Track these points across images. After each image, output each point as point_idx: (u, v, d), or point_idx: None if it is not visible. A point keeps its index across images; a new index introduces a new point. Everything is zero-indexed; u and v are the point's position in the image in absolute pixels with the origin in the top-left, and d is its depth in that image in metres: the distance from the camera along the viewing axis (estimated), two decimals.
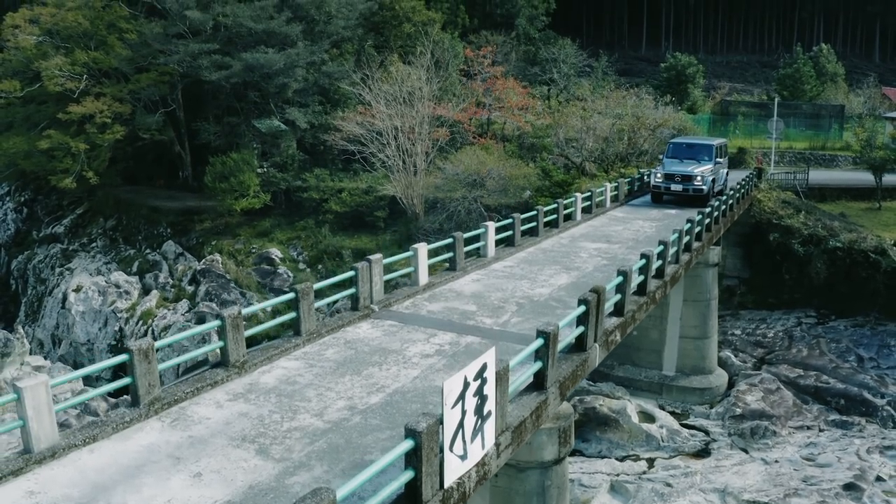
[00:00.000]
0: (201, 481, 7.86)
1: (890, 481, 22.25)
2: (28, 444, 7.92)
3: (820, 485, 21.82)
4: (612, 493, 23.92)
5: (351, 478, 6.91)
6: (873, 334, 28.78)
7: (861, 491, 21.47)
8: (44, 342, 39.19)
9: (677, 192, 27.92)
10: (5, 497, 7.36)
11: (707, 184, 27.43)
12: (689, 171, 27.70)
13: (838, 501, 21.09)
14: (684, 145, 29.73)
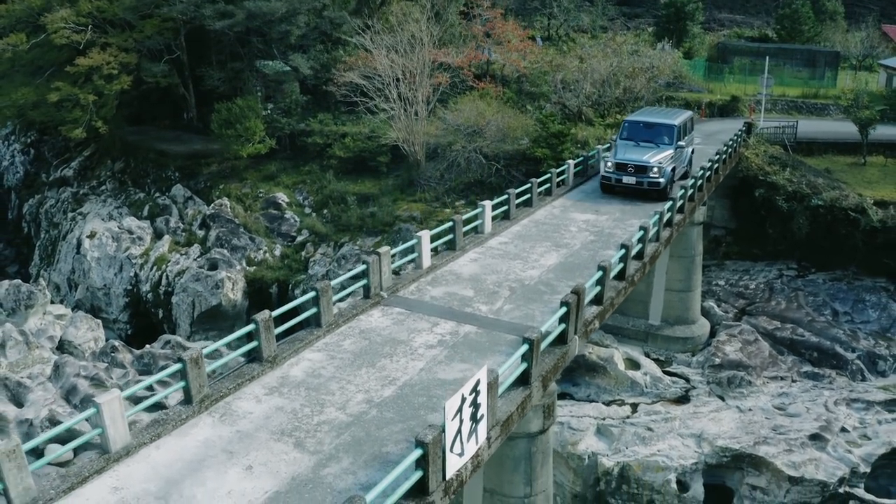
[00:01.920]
0: (252, 474, 9.70)
1: (854, 432, 24.36)
2: (106, 446, 9.71)
3: (788, 434, 23.97)
4: (598, 435, 26.16)
5: (373, 470, 8.72)
6: (850, 289, 30.55)
7: (825, 441, 23.61)
8: (60, 286, 40.97)
9: (630, 185, 24.29)
10: (94, 493, 9.17)
11: (666, 175, 23.98)
12: (644, 160, 24.04)
13: (803, 450, 23.24)
14: (641, 125, 25.65)
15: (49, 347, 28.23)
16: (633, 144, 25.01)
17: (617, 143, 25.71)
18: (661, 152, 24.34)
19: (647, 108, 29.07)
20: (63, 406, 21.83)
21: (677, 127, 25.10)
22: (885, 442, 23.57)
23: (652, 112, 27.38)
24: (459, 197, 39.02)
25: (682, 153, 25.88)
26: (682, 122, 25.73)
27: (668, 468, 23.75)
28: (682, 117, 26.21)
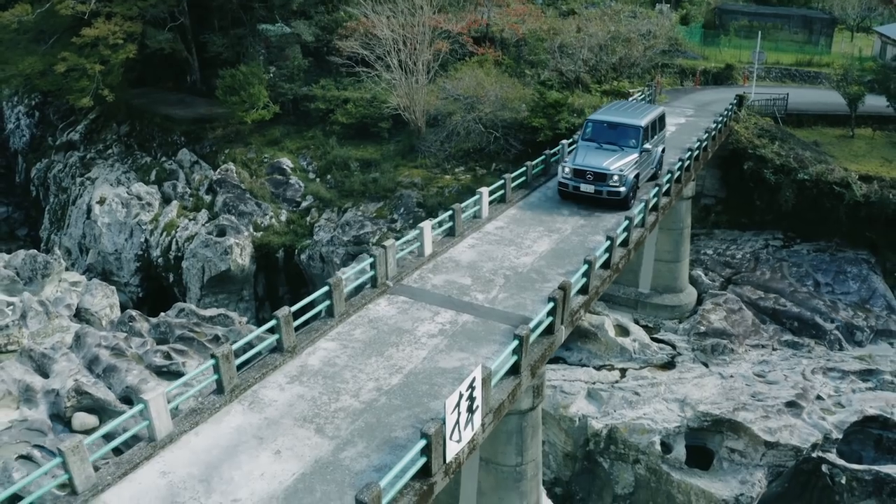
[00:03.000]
0: (280, 457, 11.21)
1: (828, 400, 25.96)
2: (153, 435, 11.19)
3: (766, 401, 25.59)
4: (589, 398, 27.86)
5: (384, 454, 10.23)
6: (832, 260, 31.92)
7: (801, 408, 25.23)
8: (71, 250, 42.32)
9: (588, 193, 22.43)
10: (145, 477, 10.68)
11: (627, 184, 22.11)
12: (603, 166, 22.08)
13: (780, 417, 24.88)
14: (605, 125, 23.63)
15: (67, 316, 29.66)
16: (595, 147, 23.14)
17: (578, 145, 23.83)
18: (625, 157, 22.46)
19: (615, 104, 26.69)
20: (87, 376, 23.35)
21: (643, 128, 23.09)
22: (858, 410, 25.15)
23: (618, 110, 25.08)
24: (459, 164, 40.18)
25: (650, 156, 24.15)
26: (649, 121, 23.74)
27: (653, 431, 25.46)
28: (651, 116, 24.19)
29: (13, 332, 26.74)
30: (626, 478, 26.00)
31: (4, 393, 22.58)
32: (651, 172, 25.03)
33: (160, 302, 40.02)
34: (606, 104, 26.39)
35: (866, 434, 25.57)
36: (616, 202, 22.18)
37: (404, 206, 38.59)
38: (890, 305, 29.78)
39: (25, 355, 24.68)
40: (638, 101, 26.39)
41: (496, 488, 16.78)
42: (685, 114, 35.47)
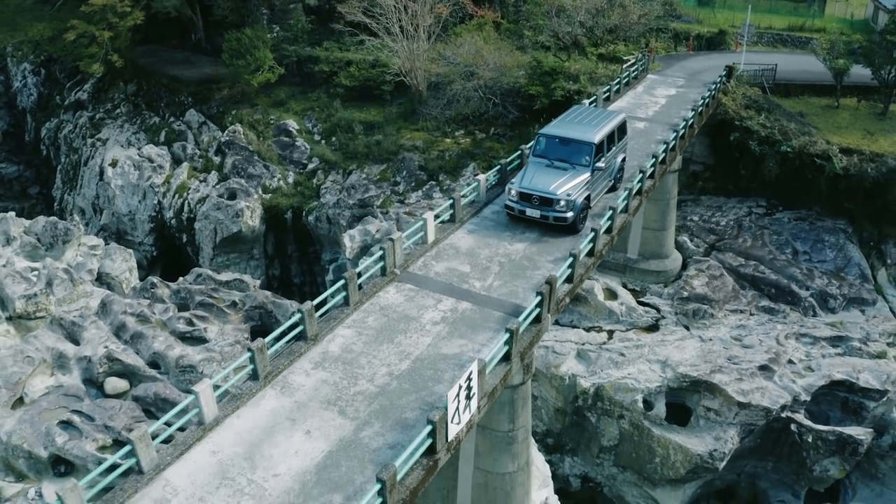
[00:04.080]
0: (311, 437, 13.31)
1: (799, 364, 28.14)
2: (202, 419, 13.25)
3: (741, 364, 27.77)
4: (578, 359, 30.11)
5: (397, 433, 12.33)
6: (811, 229, 33.76)
7: (773, 372, 27.44)
8: (85, 210, 44.03)
9: (534, 218, 21.27)
10: (199, 456, 12.77)
11: (575, 208, 20.84)
12: (550, 190, 20.80)
13: (752, 380, 27.07)
14: (557, 140, 22.29)
15: (89, 281, 31.52)
16: (545, 164, 21.98)
17: (529, 162, 22.69)
18: (575, 178, 21.26)
19: (573, 111, 24.78)
20: (116, 343, 25.39)
21: (596, 145, 21.86)
22: (826, 375, 27.35)
23: (572, 122, 23.37)
24: (459, 127, 41.71)
25: (604, 172, 22.97)
26: (604, 135, 22.49)
27: (636, 390, 27.75)
28: (607, 128, 22.88)
29: (41, 300, 28.60)
30: (611, 431, 28.39)
31: (40, 360, 24.63)
32: (608, 185, 23.88)
33: (173, 260, 42.07)
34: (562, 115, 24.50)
35: (834, 396, 27.87)
36: (563, 228, 21.14)
37: (406, 170, 40.21)
38: (863, 274, 31.75)
39: (56, 323, 26.67)
40: (598, 109, 25.02)
41: (491, 450, 19.02)
42: (676, 84, 36.72)
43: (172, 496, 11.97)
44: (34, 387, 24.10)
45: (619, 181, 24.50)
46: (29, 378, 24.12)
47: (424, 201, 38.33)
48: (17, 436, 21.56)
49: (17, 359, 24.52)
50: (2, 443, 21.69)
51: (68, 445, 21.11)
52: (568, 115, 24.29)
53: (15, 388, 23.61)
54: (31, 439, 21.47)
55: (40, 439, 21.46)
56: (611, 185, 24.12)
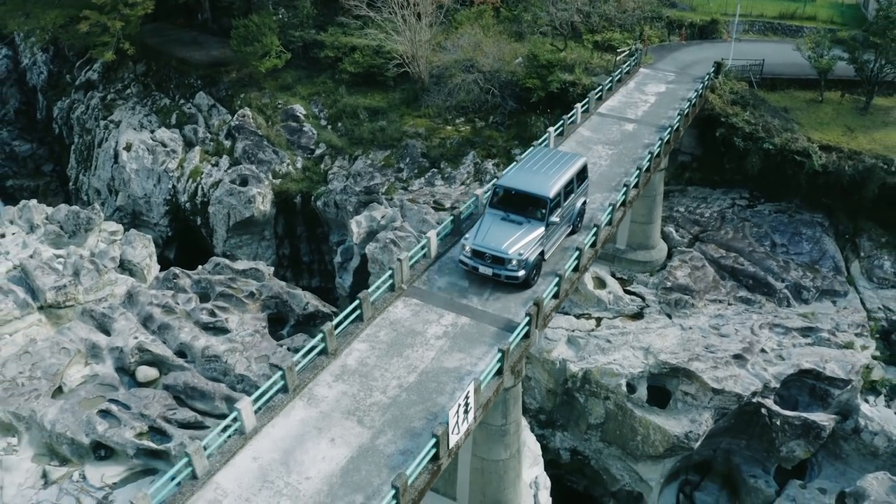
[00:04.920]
0: (335, 444, 15.73)
1: (771, 353, 30.52)
2: (242, 429, 15.65)
3: (717, 353, 30.19)
4: (568, 344, 32.52)
5: (407, 440, 14.77)
6: (790, 222, 35.92)
7: (746, 361, 29.86)
8: (100, 191, 46.02)
9: (486, 275, 21.16)
10: (241, 462, 15.18)
11: (527, 267, 20.79)
12: (502, 249, 20.59)
13: (727, 368, 29.50)
14: (512, 192, 22.04)
15: (112, 268, 33.64)
16: (500, 217, 21.77)
17: (485, 213, 22.39)
18: (528, 234, 21.14)
19: (534, 154, 24.18)
20: (145, 334, 27.73)
21: (551, 200, 21.58)
22: (795, 364, 29.73)
23: (531, 169, 22.95)
24: (459, 115, 43.55)
25: (562, 222, 22.68)
26: (560, 188, 22.11)
27: (621, 375, 30.21)
28: (565, 177, 22.48)
29: (70, 290, 30.75)
30: (597, 411, 30.92)
31: (75, 351, 26.99)
32: (566, 232, 23.67)
33: (188, 239, 44.29)
34: (522, 159, 24.16)
35: (802, 382, 30.31)
36: (515, 285, 21.16)
37: (409, 156, 42.19)
38: (837, 266, 34.02)
39: (87, 315, 28.97)
40: (559, 153, 24.18)
41: (487, 440, 21.54)
42: (666, 79, 38.41)
43: (223, 497, 14.44)
44: (71, 376, 26.49)
45: (579, 225, 24.28)
46: (66, 368, 26.52)
47: (427, 188, 40.41)
48: (61, 424, 24.00)
49: (54, 350, 26.89)
50: (46, 430, 24.15)
51: (109, 433, 23.58)
52: (527, 162, 23.64)
53: (54, 379, 26.01)
54: (74, 427, 23.92)
55: (82, 427, 23.91)
56: (570, 231, 23.91)
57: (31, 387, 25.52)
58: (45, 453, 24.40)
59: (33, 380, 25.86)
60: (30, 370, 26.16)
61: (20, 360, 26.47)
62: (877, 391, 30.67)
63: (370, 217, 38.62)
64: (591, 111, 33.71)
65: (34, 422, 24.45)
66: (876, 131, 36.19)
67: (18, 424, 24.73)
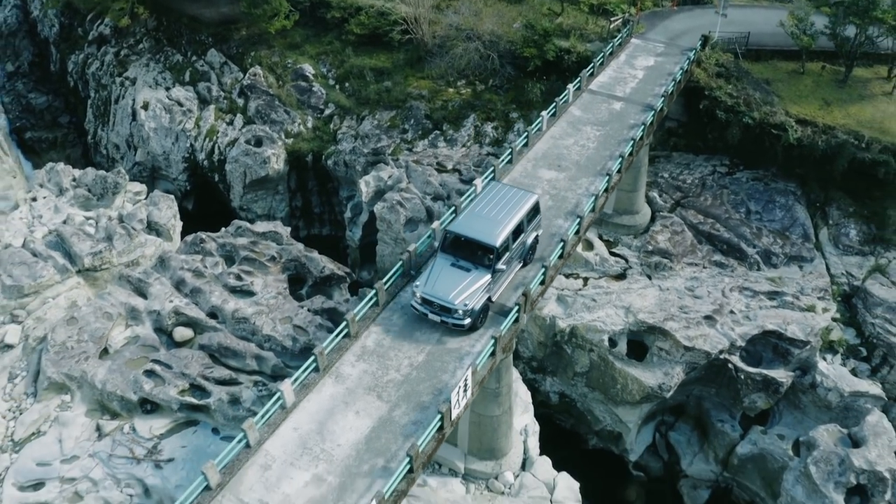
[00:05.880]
0: (359, 416, 19.27)
1: (739, 314, 33.78)
2: (284, 404, 19.14)
3: (689, 314, 33.59)
4: (558, 302, 35.87)
5: (417, 413, 18.38)
6: (765, 190, 38.81)
7: (715, 321, 33.25)
8: (119, 146, 48.57)
9: (435, 321, 22.22)
10: (284, 433, 18.72)
11: (473, 315, 21.86)
12: (448, 300, 21.58)
13: (698, 328, 32.91)
14: (462, 239, 22.90)
15: (141, 230, 36.44)
16: (450, 263, 22.69)
17: (436, 257, 23.30)
18: (475, 282, 22.11)
19: (486, 193, 24.91)
20: (180, 298, 31.00)
21: (498, 248, 22.49)
22: (760, 325, 32.98)
23: (481, 213, 23.74)
24: (461, 77, 45.84)
25: (510, 266, 23.91)
26: (508, 234, 23.04)
27: (604, 331, 33.58)
28: (514, 220, 23.46)
29: (105, 255, 33.69)
30: (583, 361, 34.46)
31: (117, 315, 30.28)
32: (518, 267, 24.78)
33: (205, 193, 47.21)
34: (475, 199, 24.89)
35: (767, 341, 33.60)
36: (461, 331, 22.27)
37: (414, 118, 44.78)
38: (806, 234, 37.07)
39: (124, 280, 32.10)
40: (512, 191, 24.90)
41: (483, 400, 25.10)
42: (656, 52, 40.60)
43: (272, 462, 18.08)
44: (114, 338, 29.77)
45: (530, 258, 25.28)
46: (109, 331, 29.80)
47: (430, 150, 43.17)
48: (111, 384, 27.39)
49: (98, 315, 30.13)
50: (97, 389, 27.52)
51: (155, 391, 27.10)
52: (479, 203, 24.34)
53: (100, 342, 29.27)
54: (122, 386, 27.34)
55: (130, 386, 27.35)
56: (520, 266, 24.91)
57: (79, 349, 28.77)
58: (96, 409, 27.65)
59: (81, 343, 29.04)
60: (77, 334, 29.33)
61: (68, 325, 29.65)
62: (834, 350, 33.74)
63: (378, 177, 41.54)
64: (583, 88, 36.03)
65: (85, 381, 27.77)
66: (852, 105, 38.66)
67: (71, 384, 27.95)
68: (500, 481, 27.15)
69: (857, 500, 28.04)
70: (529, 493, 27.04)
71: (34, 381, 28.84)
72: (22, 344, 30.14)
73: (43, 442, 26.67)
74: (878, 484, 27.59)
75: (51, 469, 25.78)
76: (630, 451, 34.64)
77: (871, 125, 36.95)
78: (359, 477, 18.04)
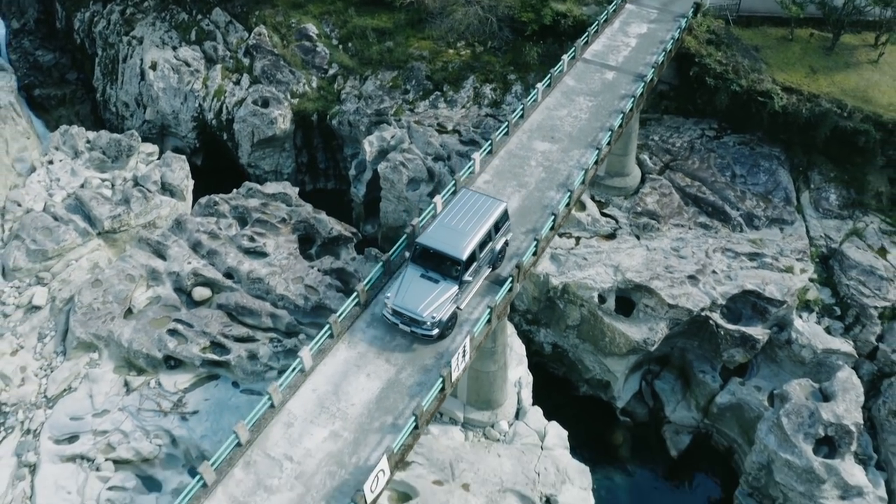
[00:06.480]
0: (370, 378, 21.65)
1: (720, 274, 35.86)
2: (303, 368, 21.48)
3: (674, 273, 35.78)
4: (552, 260, 38.02)
5: (421, 375, 20.88)
6: (751, 154, 40.59)
7: (698, 281, 35.46)
8: (128, 104, 49.95)
9: (405, 330, 23.18)
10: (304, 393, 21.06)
11: (441, 326, 22.81)
12: (417, 312, 22.46)
13: (681, 286, 35.11)
14: (431, 251, 23.69)
15: (156, 191, 38.38)
16: (420, 274, 23.61)
17: (407, 268, 24.19)
18: (443, 293, 22.99)
19: (457, 202, 25.47)
20: (198, 260, 33.13)
21: (465, 261, 23.28)
22: (740, 285, 35.01)
23: (449, 224, 24.45)
24: (460, 38, 47.12)
25: (478, 275, 24.78)
26: (475, 245, 23.81)
27: (594, 288, 35.76)
28: (482, 231, 24.20)
29: (123, 217, 35.78)
30: (574, 315, 36.72)
31: (139, 276, 32.43)
32: (486, 272, 25.49)
33: (213, 149, 48.91)
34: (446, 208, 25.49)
35: (746, 299, 35.75)
36: (430, 341, 23.18)
37: (415, 79, 46.25)
38: (788, 197, 39.01)
39: (144, 242, 34.16)
40: (481, 199, 25.54)
41: (480, 358, 27.49)
42: (649, 18, 41.65)
43: (294, 420, 20.53)
44: (137, 299, 31.97)
45: (499, 262, 26.02)
46: (132, 292, 31.97)
47: (431, 111, 44.80)
48: (137, 342, 29.72)
49: (121, 277, 32.30)
50: (123, 347, 29.84)
51: (178, 349, 29.50)
52: (448, 214, 24.97)
53: (124, 302, 31.51)
54: (148, 344, 29.67)
55: (155, 344, 29.70)
56: (490, 270, 25.68)
57: (105, 311, 30.99)
58: (123, 366, 30.01)
59: (106, 304, 31.23)
60: (102, 296, 31.49)
61: (93, 287, 31.81)
62: (810, 309, 35.76)
63: (381, 137, 43.30)
64: (577, 57, 37.46)
65: (112, 340, 30.04)
66: (837, 73, 40.12)
67: (98, 343, 30.24)
68: (496, 429, 29.82)
69: (825, 450, 30.16)
70: (522, 441, 29.69)
71: (63, 341, 31.07)
72: (49, 305, 32.28)
73: (75, 397, 28.94)
74: (845, 436, 29.77)
75: (83, 423, 28.03)
76: (618, 398, 36.94)
77: (855, 94, 38.47)
78: (371, 433, 20.51)
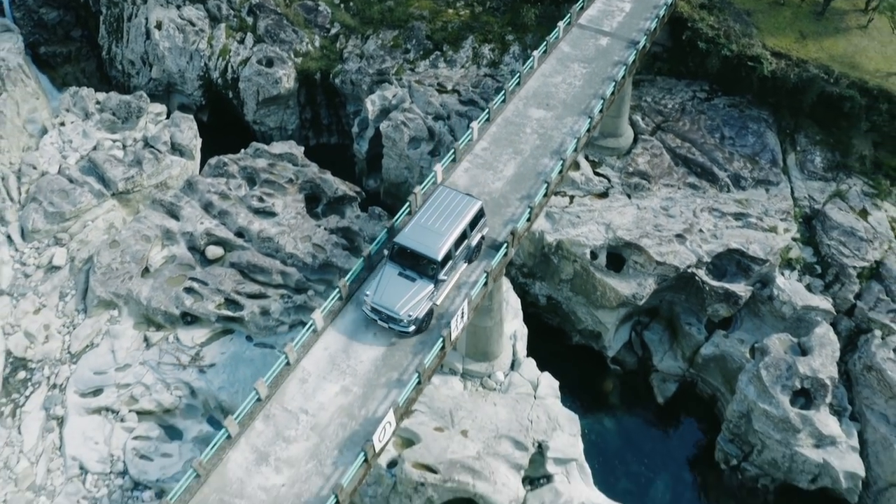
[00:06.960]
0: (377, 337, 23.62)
1: (707, 233, 37.60)
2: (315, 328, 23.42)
3: (663, 232, 37.59)
4: (546, 218, 39.76)
5: (424, 335, 23.10)
6: (740, 116, 41.99)
7: (685, 239, 37.30)
8: (134, 62, 50.90)
9: (384, 326, 24.16)
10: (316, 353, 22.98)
11: (417, 322, 23.84)
12: (394, 310, 23.46)
13: (669, 245, 36.90)
14: (408, 251, 24.58)
15: (166, 151, 39.82)
16: (398, 272, 24.52)
17: (385, 265, 25.05)
18: (420, 291, 24.00)
19: (434, 200, 26.26)
20: (210, 220, 34.85)
21: (440, 262, 24.24)
22: (725, 244, 36.82)
23: (426, 224, 25.22)
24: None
25: (455, 269, 25.64)
26: (451, 244, 24.70)
27: (586, 245, 37.56)
28: (456, 233, 24.97)
29: (137, 179, 37.37)
30: (567, 270, 38.70)
31: (154, 237, 34.16)
32: (462, 267, 26.25)
33: (218, 107, 50.20)
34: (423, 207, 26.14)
35: (731, 257, 37.64)
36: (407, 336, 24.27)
37: (415, 38, 47.32)
38: (774, 159, 40.57)
39: (157, 203, 35.85)
40: (458, 197, 26.28)
41: (478, 315, 29.46)
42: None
43: (308, 376, 22.66)
44: (153, 258, 33.78)
45: (476, 256, 26.81)
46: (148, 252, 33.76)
47: (431, 70, 46.00)
48: (155, 300, 31.68)
49: (137, 237, 34.05)
50: (142, 305, 31.80)
51: (195, 306, 31.50)
52: (425, 213, 25.69)
53: (141, 262, 33.30)
54: (166, 302, 31.66)
55: (172, 301, 31.68)
56: (466, 265, 26.47)
57: (123, 270, 32.84)
58: (142, 322, 32.02)
59: (124, 264, 33.02)
60: (120, 256, 33.24)
61: (111, 248, 33.56)
62: (792, 267, 37.47)
63: (382, 97, 44.66)
64: (573, 23, 38.56)
65: (131, 298, 32.00)
66: (826, 38, 41.24)
67: (118, 301, 32.19)
68: (493, 380, 32.12)
69: (801, 401, 32.29)
70: (517, 390, 31.98)
71: (83, 299, 33.01)
72: (68, 265, 34.09)
73: (97, 353, 30.98)
74: (820, 389, 31.92)
75: (107, 377, 30.14)
76: (608, 347, 39.10)
77: (843, 60, 39.67)
78: (378, 388, 22.65)
